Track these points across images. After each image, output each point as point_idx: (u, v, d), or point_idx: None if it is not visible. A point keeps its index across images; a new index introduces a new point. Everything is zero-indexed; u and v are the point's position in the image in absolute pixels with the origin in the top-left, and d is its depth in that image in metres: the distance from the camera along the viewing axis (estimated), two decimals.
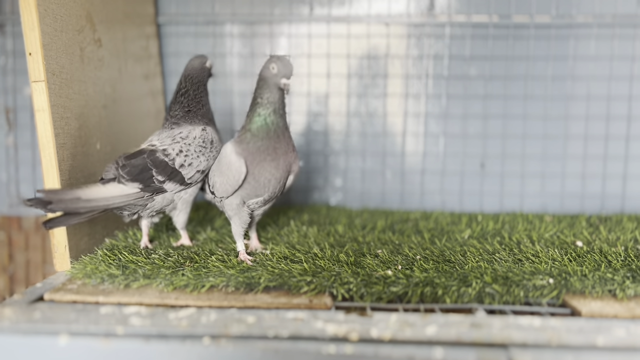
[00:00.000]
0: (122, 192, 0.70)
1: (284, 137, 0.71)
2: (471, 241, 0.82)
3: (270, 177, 0.70)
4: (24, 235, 1.17)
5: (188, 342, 0.51)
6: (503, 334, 0.52)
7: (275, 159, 0.70)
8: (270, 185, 0.71)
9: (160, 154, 0.74)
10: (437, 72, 1.10)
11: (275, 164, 0.70)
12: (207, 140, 0.77)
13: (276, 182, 0.71)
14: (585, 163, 1.09)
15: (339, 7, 1.10)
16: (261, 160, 0.70)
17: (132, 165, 0.72)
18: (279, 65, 0.70)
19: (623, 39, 1.06)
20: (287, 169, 0.72)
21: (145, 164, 0.72)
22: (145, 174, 0.72)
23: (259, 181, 0.70)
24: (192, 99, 0.81)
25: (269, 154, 0.70)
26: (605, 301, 0.61)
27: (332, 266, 0.69)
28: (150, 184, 0.72)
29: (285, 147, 0.71)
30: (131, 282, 0.64)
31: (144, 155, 0.73)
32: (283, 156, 0.71)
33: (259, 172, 0.70)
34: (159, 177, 0.72)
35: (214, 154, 0.77)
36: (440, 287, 0.63)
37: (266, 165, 0.70)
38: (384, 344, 0.51)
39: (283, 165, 0.71)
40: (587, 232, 0.87)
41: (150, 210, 0.75)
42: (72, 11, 0.76)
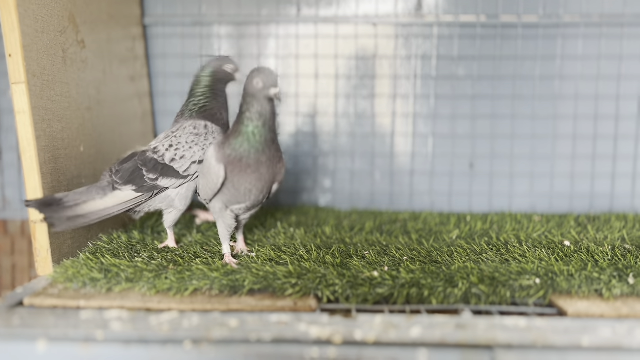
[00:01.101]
0: (120, 199, 0.71)
1: (270, 150, 0.68)
2: (459, 242, 0.81)
3: (250, 188, 0.68)
4: (9, 240, 1.15)
5: (169, 346, 0.50)
6: (488, 335, 0.51)
7: (257, 171, 0.68)
8: (251, 194, 0.69)
9: (150, 152, 0.74)
10: (426, 73, 1.09)
11: (257, 175, 0.68)
12: (199, 127, 0.75)
13: (258, 192, 0.69)
14: (574, 163, 1.09)
15: (326, 7, 1.09)
16: (241, 170, 0.67)
17: (124, 170, 0.73)
18: (263, 78, 0.66)
19: (610, 39, 1.06)
20: (271, 179, 0.70)
21: (136, 165, 0.73)
22: (136, 174, 0.72)
23: (239, 190, 0.69)
24: (196, 97, 0.79)
25: (250, 166, 0.67)
26: (592, 301, 0.61)
27: (318, 268, 0.68)
28: (143, 184, 0.72)
29: (271, 159, 0.68)
30: (113, 285, 0.63)
31: (135, 158, 0.74)
32: (267, 168, 0.68)
33: (238, 181, 0.68)
34: (150, 175, 0.73)
35: (210, 141, 0.75)
36: (427, 288, 0.63)
37: (247, 176, 0.68)
38: (368, 346, 0.50)
39: (267, 176, 0.69)
40: (575, 231, 0.87)
41: (153, 209, 0.76)
42: (54, 12, 0.75)
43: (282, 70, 1.11)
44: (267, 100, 0.67)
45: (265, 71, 0.67)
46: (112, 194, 0.71)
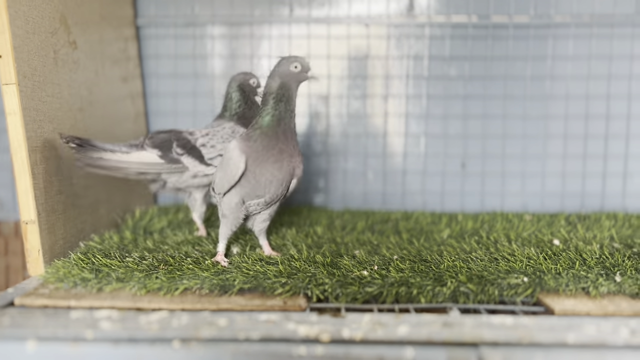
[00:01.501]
0: (141, 159, 0.77)
1: (291, 140, 0.70)
2: (449, 241, 0.82)
3: (271, 179, 0.69)
4: (3, 241, 1.15)
5: (157, 345, 0.50)
6: (474, 333, 0.52)
7: (279, 161, 0.68)
8: (271, 186, 0.69)
9: (186, 133, 0.81)
10: (417, 73, 1.10)
11: (278, 165, 0.68)
12: (236, 132, 0.82)
13: (278, 184, 0.69)
14: (565, 162, 1.10)
15: (318, 8, 1.10)
16: (264, 160, 0.68)
17: (157, 137, 0.80)
18: (301, 61, 0.70)
19: (601, 39, 1.07)
20: (291, 172, 0.70)
21: (170, 137, 0.80)
22: (166, 143, 0.79)
23: (259, 181, 0.68)
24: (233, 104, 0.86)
25: (272, 155, 0.68)
26: (579, 299, 0.61)
27: (308, 267, 0.69)
28: (168, 154, 0.78)
29: (292, 150, 0.70)
30: (104, 285, 0.63)
31: (172, 132, 0.81)
32: (288, 159, 0.69)
33: (260, 172, 0.68)
34: (177, 149, 0.79)
35: None
36: (415, 286, 0.63)
37: (268, 166, 0.68)
38: (355, 344, 0.51)
39: (287, 167, 0.69)
40: (564, 230, 0.88)
41: (171, 186, 0.81)
42: (45, 13, 0.75)
43: None
44: (297, 85, 0.70)
45: (301, 58, 0.70)
46: (137, 152, 0.77)
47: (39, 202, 0.70)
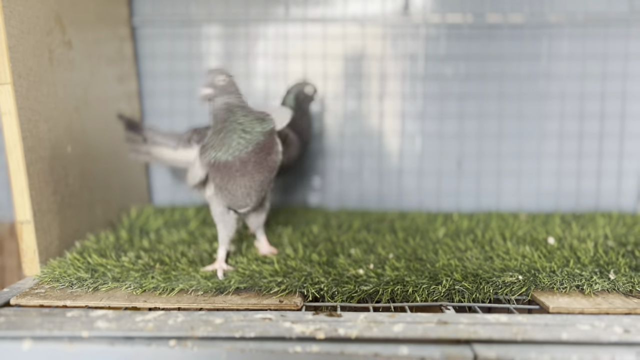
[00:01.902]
0: (186, 157, 0.76)
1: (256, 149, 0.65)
2: (445, 239, 0.82)
3: (248, 191, 0.66)
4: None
5: (154, 344, 0.51)
6: (469, 330, 0.52)
7: (246, 174, 0.65)
8: (250, 196, 0.67)
9: None
10: (413, 72, 1.10)
11: (248, 177, 0.65)
12: None
13: (258, 190, 0.67)
14: (560, 161, 1.11)
15: (314, 7, 1.10)
16: (230, 176, 0.65)
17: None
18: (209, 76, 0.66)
19: (595, 38, 1.07)
20: (268, 172, 0.66)
21: None
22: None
23: (236, 195, 0.67)
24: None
25: (237, 170, 0.65)
26: (573, 297, 0.62)
27: (304, 266, 0.69)
28: None
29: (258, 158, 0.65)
30: (100, 285, 0.63)
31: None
32: (258, 165, 0.65)
33: (232, 187, 0.66)
34: None
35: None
36: (411, 285, 0.64)
37: (238, 180, 0.65)
38: (351, 342, 0.51)
39: (258, 174, 0.66)
40: (559, 229, 0.88)
41: None
42: (40, 13, 0.75)
43: (270, 70, 1.12)
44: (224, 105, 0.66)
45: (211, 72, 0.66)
46: (184, 149, 0.77)
47: (34, 202, 0.70)
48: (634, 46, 1.07)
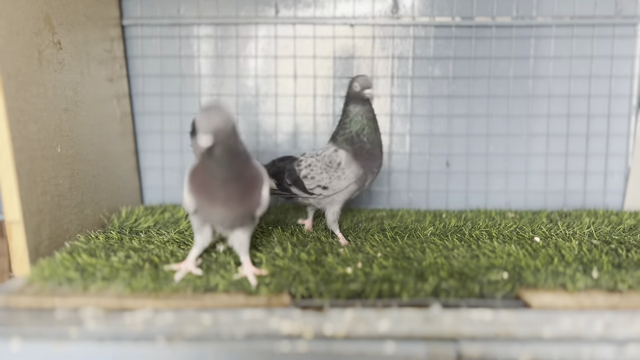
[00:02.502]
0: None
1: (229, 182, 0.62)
2: (432, 238, 0.83)
3: (222, 218, 0.65)
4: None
5: (142, 343, 0.51)
6: (454, 328, 0.53)
7: (215, 205, 0.63)
8: (225, 223, 0.66)
9: (296, 162, 0.87)
10: (402, 73, 1.11)
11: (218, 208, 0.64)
12: (334, 162, 0.83)
13: (231, 221, 0.65)
14: (548, 160, 1.12)
15: (304, 9, 1.11)
16: (210, 206, 0.64)
17: (277, 166, 0.88)
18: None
19: (581, 39, 1.09)
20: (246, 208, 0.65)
21: (284, 167, 0.87)
22: (280, 175, 0.87)
23: (212, 220, 0.66)
24: (340, 120, 0.87)
25: (206, 200, 0.63)
26: (557, 294, 0.63)
27: (293, 265, 0.69)
28: (281, 184, 0.86)
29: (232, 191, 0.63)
30: (89, 284, 0.64)
31: (288, 161, 0.88)
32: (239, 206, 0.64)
33: (211, 213, 0.65)
34: (287, 180, 0.86)
35: (339, 174, 0.83)
36: (398, 283, 0.64)
37: (205, 207, 0.64)
38: (337, 340, 0.52)
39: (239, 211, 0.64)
40: (545, 227, 0.89)
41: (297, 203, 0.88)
42: (29, 14, 0.75)
43: (261, 70, 1.12)
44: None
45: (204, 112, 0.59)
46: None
47: (24, 202, 0.70)
48: (619, 47, 1.09)
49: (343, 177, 0.83)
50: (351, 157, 0.83)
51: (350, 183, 0.83)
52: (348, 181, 0.83)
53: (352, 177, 0.83)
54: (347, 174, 0.83)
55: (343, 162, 0.83)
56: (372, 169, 0.84)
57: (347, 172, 0.82)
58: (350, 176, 0.83)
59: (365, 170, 0.83)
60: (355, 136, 0.83)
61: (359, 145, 0.83)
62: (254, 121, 1.14)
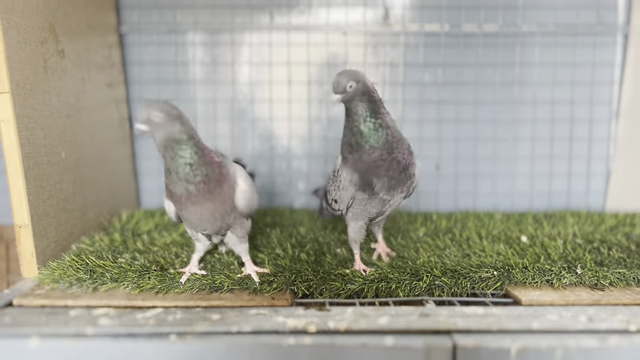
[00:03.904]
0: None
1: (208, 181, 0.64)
2: (425, 238, 0.87)
3: (200, 218, 0.66)
4: None
5: (155, 339, 0.54)
6: (449, 322, 0.57)
7: (197, 204, 0.65)
8: (205, 223, 0.67)
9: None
10: (393, 79, 1.15)
11: (198, 208, 0.65)
12: (335, 170, 0.75)
13: (210, 221, 0.67)
14: (533, 163, 1.16)
15: (298, 16, 1.14)
16: (183, 206, 0.66)
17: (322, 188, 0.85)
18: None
19: (565, 47, 1.14)
20: (224, 207, 0.66)
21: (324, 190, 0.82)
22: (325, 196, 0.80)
23: (191, 221, 0.67)
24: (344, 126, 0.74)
25: (189, 199, 0.65)
26: (543, 290, 0.67)
27: (294, 265, 0.73)
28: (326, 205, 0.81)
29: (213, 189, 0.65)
30: (99, 285, 0.66)
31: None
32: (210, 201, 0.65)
33: (187, 214, 0.66)
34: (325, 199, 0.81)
35: (337, 184, 0.74)
36: (394, 281, 0.68)
37: (189, 209, 0.66)
38: (340, 334, 0.55)
39: (212, 207, 0.65)
40: (532, 227, 0.93)
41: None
42: (36, 23, 0.77)
43: (255, 76, 1.15)
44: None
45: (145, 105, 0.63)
46: None
47: (32, 206, 0.73)
48: (601, 55, 1.14)
49: (341, 187, 0.73)
50: (343, 164, 0.72)
51: (352, 193, 0.72)
52: (347, 191, 0.72)
53: (348, 186, 0.72)
54: (342, 182, 0.73)
55: (338, 169, 0.73)
56: (379, 172, 0.70)
57: (342, 181, 0.72)
58: (346, 184, 0.72)
59: (363, 175, 0.70)
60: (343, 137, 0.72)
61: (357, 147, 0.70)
62: (249, 127, 1.17)
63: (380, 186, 0.71)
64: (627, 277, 0.69)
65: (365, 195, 0.71)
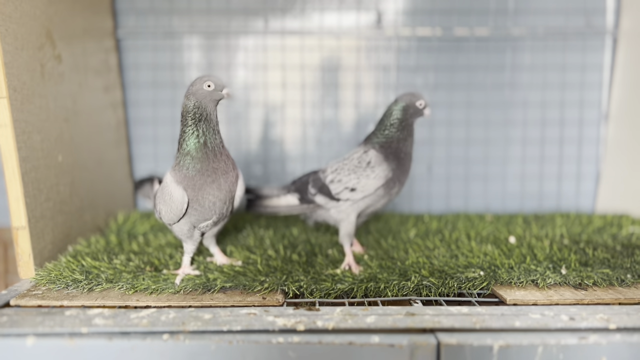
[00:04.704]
0: (287, 202, 0.84)
1: (222, 156, 0.69)
2: (415, 239, 0.89)
3: (214, 200, 0.69)
4: None
5: (148, 338, 0.55)
6: (433, 320, 0.58)
7: (216, 180, 0.68)
8: (215, 207, 0.70)
9: (321, 172, 0.82)
10: (386, 82, 1.17)
11: (216, 185, 0.68)
12: (363, 161, 0.78)
13: (221, 204, 0.70)
14: (524, 165, 1.18)
15: (292, 20, 1.16)
16: (202, 183, 0.68)
17: (300, 180, 0.85)
18: (214, 80, 0.69)
19: (554, 50, 1.15)
20: (230, 189, 0.70)
21: (308, 179, 0.83)
22: (304, 186, 0.83)
23: (203, 205, 0.69)
24: (379, 126, 0.81)
25: (208, 176, 0.68)
26: (528, 290, 0.68)
27: (285, 266, 0.74)
28: (305, 196, 0.82)
29: (225, 167, 0.69)
30: (94, 286, 0.68)
31: (311, 174, 0.84)
32: (223, 176, 0.69)
33: (202, 196, 0.68)
34: (312, 190, 0.82)
35: (368, 173, 0.77)
36: (383, 281, 0.69)
37: (207, 187, 0.68)
38: (328, 332, 0.56)
39: (225, 184, 0.69)
40: (520, 229, 0.95)
41: (315, 220, 0.85)
42: (33, 29, 0.79)
43: (251, 80, 1.17)
44: (214, 103, 0.69)
45: (213, 76, 0.70)
46: (285, 196, 0.85)
47: (29, 208, 0.74)
48: (590, 58, 1.15)
49: (373, 176, 0.77)
50: (382, 158, 0.78)
51: (379, 185, 0.77)
52: (377, 181, 0.77)
53: (382, 177, 0.77)
54: (377, 172, 0.77)
55: (373, 161, 0.78)
56: (400, 178, 0.79)
57: (378, 171, 0.77)
58: (381, 175, 0.77)
59: (393, 176, 0.78)
60: (395, 142, 0.79)
61: (394, 151, 0.79)
62: (244, 130, 1.18)
63: (396, 191, 0.80)
64: (611, 277, 0.70)
65: (383, 193, 0.78)
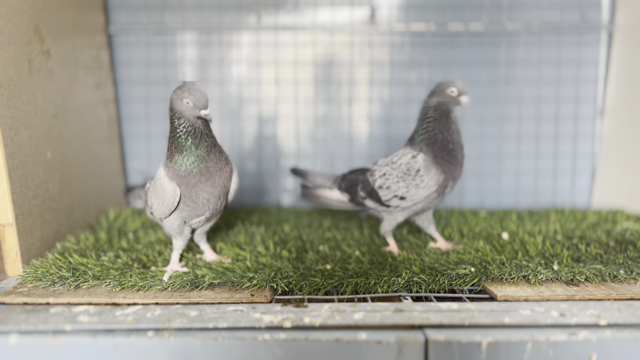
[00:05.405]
0: (338, 198, 0.86)
1: (214, 152, 0.68)
2: (408, 236, 0.88)
3: (208, 196, 0.69)
4: None
5: (133, 335, 0.55)
6: (422, 316, 0.58)
7: (210, 178, 0.68)
8: (209, 203, 0.69)
9: (369, 173, 0.82)
10: (380, 78, 1.16)
11: (211, 182, 0.68)
12: (412, 169, 0.77)
13: (215, 200, 0.70)
14: (519, 161, 1.17)
15: (285, 16, 1.15)
16: (196, 182, 0.68)
17: (349, 179, 0.84)
18: (192, 98, 0.65)
19: (549, 45, 1.15)
20: (225, 184, 0.70)
21: (357, 179, 0.83)
22: (353, 188, 0.83)
23: (197, 202, 0.69)
24: (419, 122, 0.80)
25: (202, 175, 0.68)
26: (520, 286, 0.68)
27: (274, 262, 0.74)
28: (355, 198, 0.83)
29: (218, 162, 0.69)
30: (81, 283, 0.67)
31: (360, 173, 0.83)
32: (218, 172, 0.69)
33: (195, 193, 0.68)
34: (361, 193, 0.82)
35: (417, 182, 0.76)
36: (373, 277, 0.69)
37: (201, 185, 0.68)
38: (315, 329, 0.56)
39: (219, 181, 0.69)
40: (514, 225, 0.94)
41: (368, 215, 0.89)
42: (20, 24, 0.78)
43: (244, 76, 1.16)
44: (196, 118, 0.67)
45: (194, 91, 0.66)
46: (336, 191, 0.86)
47: (16, 205, 0.73)
48: (585, 53, 1.15)
49: (422, 186, 0.76)
50: (430, 161, 0.76)
51: (430, 193, 0.76)
52: (428, 190, 0.76)
53: (432, 185, 0.76)
54: (426, 181, 0.76)
55: (422, 168, 0.76)
56: (454, 174, 0.77)
57: (427, 180, 0.76)
58: (431, 183, 0.76)
59: (446, 176, 0.77)
60: (439, 133, 0.77)
61: (440, 144, 0.77)
62: (238, 126, 1.18)
63: (450, 187, 0.79)
64: (603, 272, 0.70)
65: (436, 195, 0.78)
